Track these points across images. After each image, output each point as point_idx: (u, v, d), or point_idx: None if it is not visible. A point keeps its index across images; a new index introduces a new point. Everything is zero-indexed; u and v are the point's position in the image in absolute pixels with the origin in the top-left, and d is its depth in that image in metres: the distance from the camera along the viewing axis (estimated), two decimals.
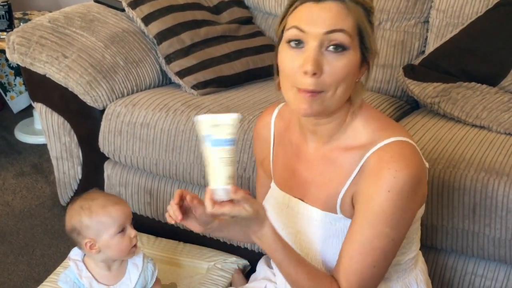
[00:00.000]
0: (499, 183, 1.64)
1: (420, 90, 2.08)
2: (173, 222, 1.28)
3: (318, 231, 1.34)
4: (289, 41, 1.21)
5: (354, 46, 1.19)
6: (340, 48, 1.18)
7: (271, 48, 2.37)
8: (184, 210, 1.30)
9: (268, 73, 2.32)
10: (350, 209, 1.29)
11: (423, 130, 1.91)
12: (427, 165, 1.30)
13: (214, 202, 1.17)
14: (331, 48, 1.18)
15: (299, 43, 1.19)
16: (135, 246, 1.60)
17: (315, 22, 1.18)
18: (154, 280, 1.65)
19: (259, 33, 2.48)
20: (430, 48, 2.27)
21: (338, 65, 1.18)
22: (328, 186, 1.31)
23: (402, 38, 2.33)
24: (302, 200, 1.37)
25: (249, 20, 2.53)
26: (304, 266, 1.29)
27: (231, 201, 1.17)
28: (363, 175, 1.25)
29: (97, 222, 1.54)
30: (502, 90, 2.06)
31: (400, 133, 1.26)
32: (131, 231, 1.58)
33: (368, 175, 1.23)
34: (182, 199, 1.29)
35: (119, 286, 1.60)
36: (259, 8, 2.58)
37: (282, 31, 1.24)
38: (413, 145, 1.26)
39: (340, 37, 1.17)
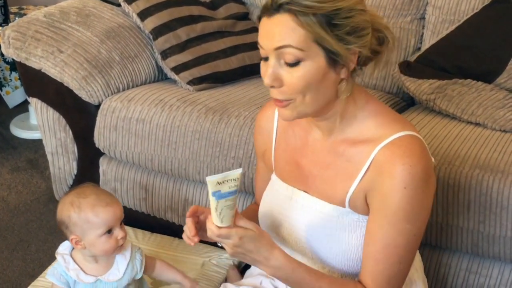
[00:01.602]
0: (493, 180, 1.65)
1: (416, 86, 2.08)
2: (192, 244, 1.33)
3: (325, 224, 1.34)
4: (261, 58, 1.25)
5: (312, 55, 1.18)
6: (292, 62, 1.19)
7: None
8: (200, 226, 1.35)
9: None
10: (362, 205, 1.29)
11: (418, 127, 1.92)
12: (433, 160, 1.30)
13: (219, 227, 1.23)
14: (283, 62, 1.20)
15: (266, 58, 1.22)
16: (122, 245, 1.59)
17: (267, 37, 1.20)
18: (143, 269, 1.65)
19: (256, 29, 2.48)
20: (426, 45, 2.27)
21: (294, 77, 1.20)
22: (336, 180, 1.31)
23: (398, 34, 2.32)
24: (307, 193, 1.38)
25: (245, 16, 2.52)
26: (325, 277, 1.30)
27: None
28: (374, 170, 1.25)
29: (84, 221, 1.53)
30: (498, 87, 2.07)
31: (408, 127, 1.27)
32: (119, 233, 1.56)
33: (381, 172, 1.24)
34: (196, 214, 1.36)
35: (107, 276, 1.60)
36: (256, 4, 2.58)
37: None
38: (421, 139, 1.27)
39: (289, 52, 1.18)
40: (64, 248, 1.63)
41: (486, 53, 2.11)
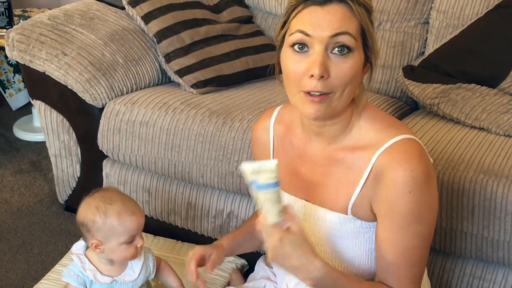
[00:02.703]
0: (498, 185, 1.64)
1: (420, 91, 2.08)
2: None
3: (328, 231, 1.34)
4: (293, 45, 1.21)
5: (358, 47, 1.21)
6: (345, 50, 1.19)
7: (271, 47, 2.39)
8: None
9: (268, 72, 2.32)
10: (365, 211, 1.30)
11: (422, 131, 1.91)
12: (431, 159, 1.31)
13: (262, 224, 1.22)
14: (336, 50, 1.19)
15: (303, 47, 1.20)
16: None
17: (320, 26, 1.18)
18: (155, 269, 1.66)
19: (259, 33, 2.48)
20: (430, 49, 2.27)
21: (344, 67, 1.19)
22: (337, 187, 1.31)
23: (402, 39, 2.33)
24: (308, 201, 1.37)
25: (249, 19, 2.52)
26: (361, 283, 1.30)
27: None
28: (376, 177, 1.25)
29: (109, 227, 1.53)
30: (502, 91, 2.06)
31: (405, 131, 1.28)
32: (139, 241, 1.56)
33: (383, 178, 1.24)
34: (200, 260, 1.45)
35: (123, 277, 1.60)
36: (259, 8, 2.58)
37: (283, 36, 1.25)
38: (418, 141, 1.28)
39: (346, 40, 1.19)
40: (77, 248, 1.63)
41: (490, 58, 2.11)
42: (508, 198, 1.63)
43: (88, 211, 1.55)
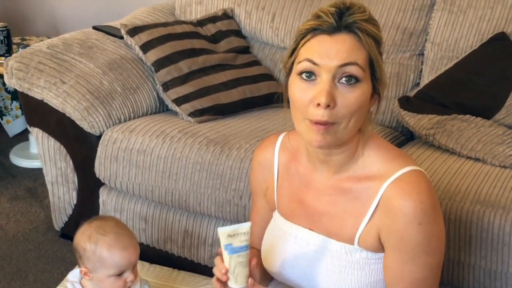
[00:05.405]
0: (494, 215, 1.65)
1: (415, 121, 2.10)
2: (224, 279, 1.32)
3: (333, 262, 1.34)
4: (301, 73, 1.22)
5: (366, 78, 1.22)
6: (353, 80, 1.20)
7: (268, 77, 2.42)
8: None
9: (265, 101, 2.34)
10: (373, 242, 1.30)
11: (418, 161, 1.92)
12: None
13: None
14: (343, 80, 1.20)
15: (311, 75, 1.21)
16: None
17: (328, 55, 1.19)
18: None
19: (256, 62, 2.51)
20: (425, 81, 2.29)
21: (351, 97, 1.20)
22: (344, 217, 1.31)
23: (398, 70, 2.35)
24: (312, 230, 1.37)
25: (246, 50, 2.55)
26: None
27: None
28: (384, 208, 1.26)
29: (98, 258, 1.52)
30: (497, 123, 2.08)
31: (411, 162, 1.29)
32: (129, 276, 1.54)
33: (391, 209, 1.25)
34: None
35: None
36: (256, 38, 2.61)
37: (292, 63, 1.25)
38: (424, 173, 1.29)
39: (354, 70, 1.19)
40: (73, 275, 1.62)
41: (484, 90, 2.13)
42: (505, 229, 1.64)
43: (81, 238, 1.55)
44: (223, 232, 1.25)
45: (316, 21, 1.21)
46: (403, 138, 2.26)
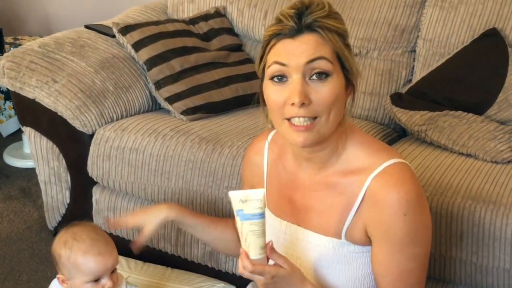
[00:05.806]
0: (485, 211, 1.66)
1: (407, 118, 2.10)
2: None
3: (321, 256, 1.35)
4: (272, 78, 1.24)
5: (337, 70, 1.23)
6: (323, 75, 1.22)
7: None
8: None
9: (252, 102, 2.33)
10: (360, 236, 1.31)
11: (410, 157, 1.93)
12: None
13: (253, 263, 1.22)
14: (314, 77, 1.22)
15: (281, 77, 1.23)
16: None
17: (295, 54, 1.21)
18: None
19: (249, 60, 2.51)
20: (417, 77, 2.30)
21: (324, 92, 1.22)
22: (331, 212, 1.33)
23: (389, 67, 2.35)
24: (300, 226, 1.38)
25: (238, 47, 2.55)
26: None
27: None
28: (370, 201, 1.27)
29: (73, 264, 1.50)
30: (488, 119, 2.09)
31: (395, 155, 1.30)
32: (107, 282, 1.52)
33: (377, 202, 1.26)
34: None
35: None
36: (249, 36, 2.61)
37: (263, 70, 1.28)
38: (408, 165, 1.30)
39: (322, 64, 1.21)
40: (55, 285, 1.61)
41: (476, 86, 2.14)
42: (496, 224, 1.64)
43: (57, 244, 1.54)
44: (234, 196, 1.21)
45: (278, 26, 1.24)
46: (395, 134, 2.26)
